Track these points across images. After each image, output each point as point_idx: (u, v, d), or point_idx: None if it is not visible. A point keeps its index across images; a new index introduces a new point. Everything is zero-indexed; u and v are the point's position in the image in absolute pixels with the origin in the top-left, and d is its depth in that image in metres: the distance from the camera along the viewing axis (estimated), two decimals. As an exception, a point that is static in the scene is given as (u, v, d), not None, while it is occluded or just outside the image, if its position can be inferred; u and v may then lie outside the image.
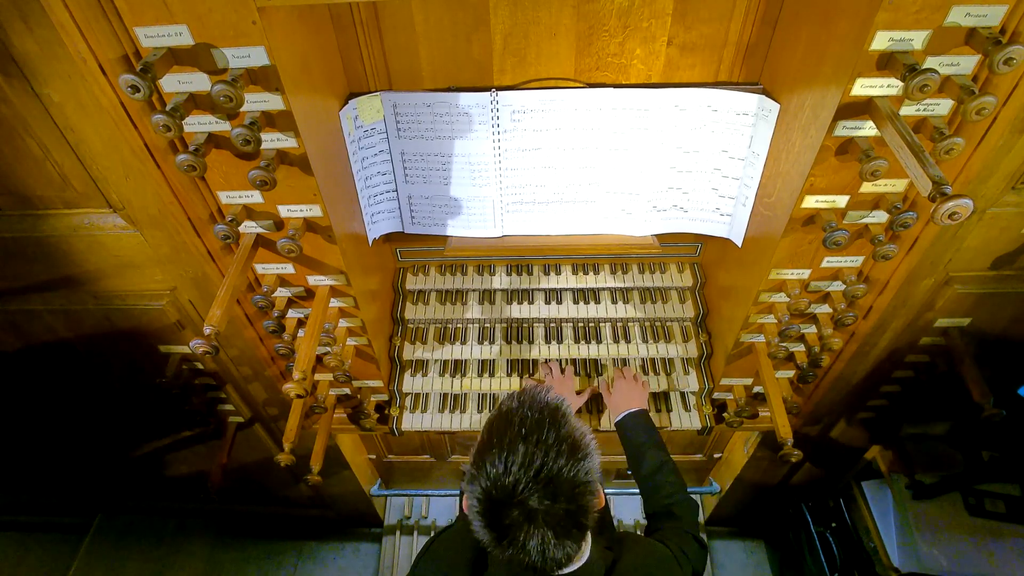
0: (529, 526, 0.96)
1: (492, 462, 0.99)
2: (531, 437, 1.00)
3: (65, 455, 2.60)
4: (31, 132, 1.26)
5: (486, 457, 1.00)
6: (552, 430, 1.01)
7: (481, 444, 1.05)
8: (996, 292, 1.60)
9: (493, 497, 0.98)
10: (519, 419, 1.03)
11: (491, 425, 1.07)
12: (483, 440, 1.05)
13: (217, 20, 1.01)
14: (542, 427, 1.01)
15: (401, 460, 2.89)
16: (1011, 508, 2.25)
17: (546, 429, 1.01)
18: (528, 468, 0.96)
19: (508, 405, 1.08)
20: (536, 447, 0.98)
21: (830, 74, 1.12)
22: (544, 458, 0.97)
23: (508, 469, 0.97)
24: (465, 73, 1.48)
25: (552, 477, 0.96)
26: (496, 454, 0.99)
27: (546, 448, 0.98)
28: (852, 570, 2.46)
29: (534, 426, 1.01)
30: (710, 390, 1.95)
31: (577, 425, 1.06)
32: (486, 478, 0.99)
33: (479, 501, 1.01)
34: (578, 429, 1.05)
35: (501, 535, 0.99)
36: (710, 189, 1.64)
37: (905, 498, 2.33)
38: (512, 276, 1.98)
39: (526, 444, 0.99)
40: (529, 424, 1.02)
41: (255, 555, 3.23)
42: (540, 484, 0.96)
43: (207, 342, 1.19)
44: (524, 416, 1.03)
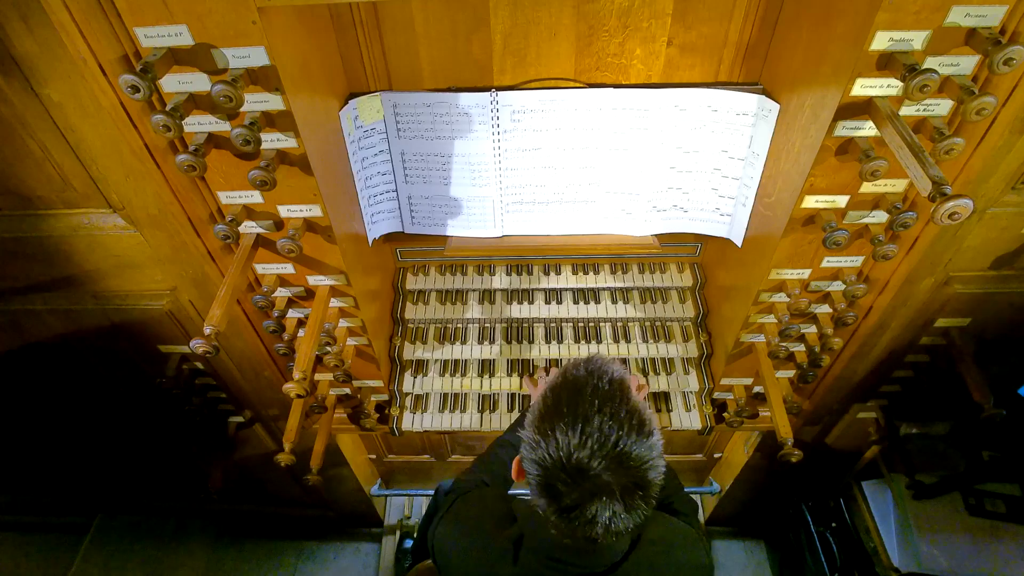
0: (602, 498, 0.94)
1: (564, 432, 0.95)
2: (605, 409, 0.96)
3: (65, 455, 2.60)
4: (31, 132, 1.26)
5: (555, 425, 0.97)
6: (622, 404, 0.98)
7: (546, 411, 1.01)
8: (996, 292, 1.60)
9: (566, 467, 0.95)
10: (591, 389, 0.99)
11: (557, 393, 1.03)
12: (547, 406, 1.02)
13: (217, 20, 1.01)
14: (613, 399, 0.98)
15: (401, 460, 2.89)
16: (1011, 508, 2.25)
17: (618, 402, 0.98)
18: (604, 441, 0.94)
19: (575, 374, 1.04)
20: (611, 420, 0.95)
21: (830, 74, 1.12)
22: (619, 432, 0.94)
23: (583, 441, 0.94)
24: (465, 73, 1.48)
25: (625, 451, 0.94)
26: (569, 424, 0.96)
27: (619, 422, 0.95)
28: (852, 570, 2.46)
29: (607, 398, 0.98)
30: (710, 390, 1.95)
31: (639, 401, 1.02)
32: (556, 447, 0.95)
33: (545, 470, 0.98)
34: (642, 404, 1.02)
35: (568, 507, 0.96)
36: (710, 189, 1.64)
37: (905, 498, 2.32)
38: (512, 276, 1.98)
39: (601, 416, 0.96)
40: (601, 395, 0.98)
41: (255, 555, 3.23)
42: (614, 458, 0.94)
43: (207, 342, 1.19)
44: (596, 387, 1.00)
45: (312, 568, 3.18)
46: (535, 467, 1.00)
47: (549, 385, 1.07)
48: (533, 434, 1.01)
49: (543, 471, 0.98)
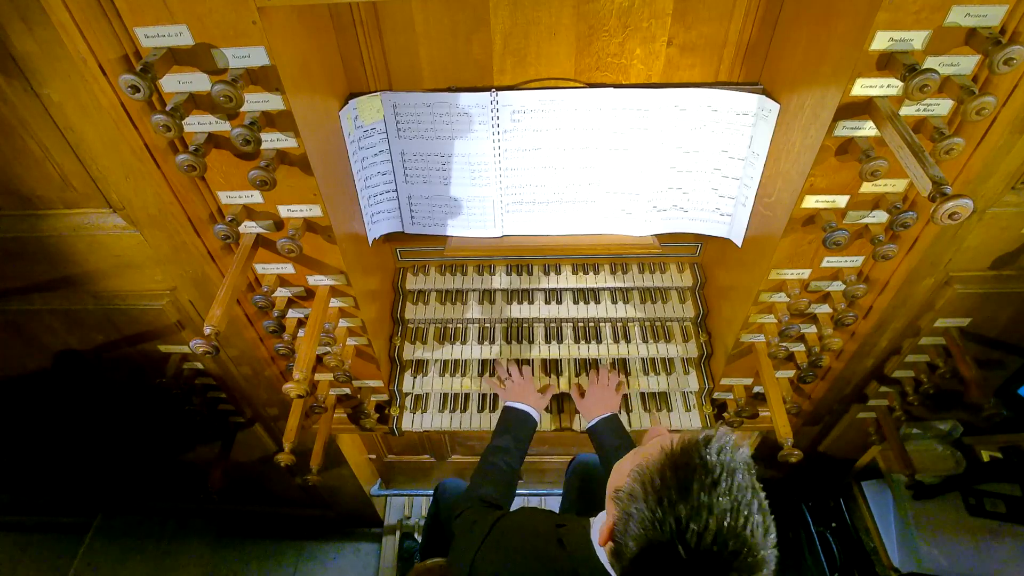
0: None
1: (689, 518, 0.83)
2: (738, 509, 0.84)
3: (65, 455, 2.60)
4: (31, 132, 1.26)
5: (678, 507, 0.85)
6: (755, 499, 0.87)
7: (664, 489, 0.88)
8: (996, 292, 1.60)
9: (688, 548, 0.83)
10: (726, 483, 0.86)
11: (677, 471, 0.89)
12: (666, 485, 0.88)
13: (217, 20, 1.01)
14: (746, 493, 0.86)
15: (401, 460, 2.89)
16: (1011, 508, 2.25)
17: (749, 497, 0.86)
18: (736, 541, 0.83)
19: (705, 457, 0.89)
20: (746, 522, 0.84)
21: (830, 74, 1.12)
22: (751, 533, 0.84)
23: (718, 539, 0.82)
24: (465, 73, 1.48)
25: (750, 551, 0.84)
26: (699, 513, 0.84)
27: (751, 519, 0.84)
28: (852, 570, 2.46)
29: (739, 494, 0.86)
30: (710, 390, 1.95)
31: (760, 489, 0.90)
32: (676, 528, 0.84)
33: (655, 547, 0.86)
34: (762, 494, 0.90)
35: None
36: (710, 189, 1.64)
37: (905, 498, 2.33)
38: (512, 276, 1.98)
39: (735, 517, 0.84)
40: (736, 489, 0.86)
41: (255, 555, 3.23)
42: (739, 558, 0.83)
43: (207, 342, 1.19)
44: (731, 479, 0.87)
45: (312, 568, 3.18)
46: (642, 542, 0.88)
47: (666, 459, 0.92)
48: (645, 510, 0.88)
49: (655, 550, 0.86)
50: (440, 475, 3.03)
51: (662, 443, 0.96)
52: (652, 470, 0.93)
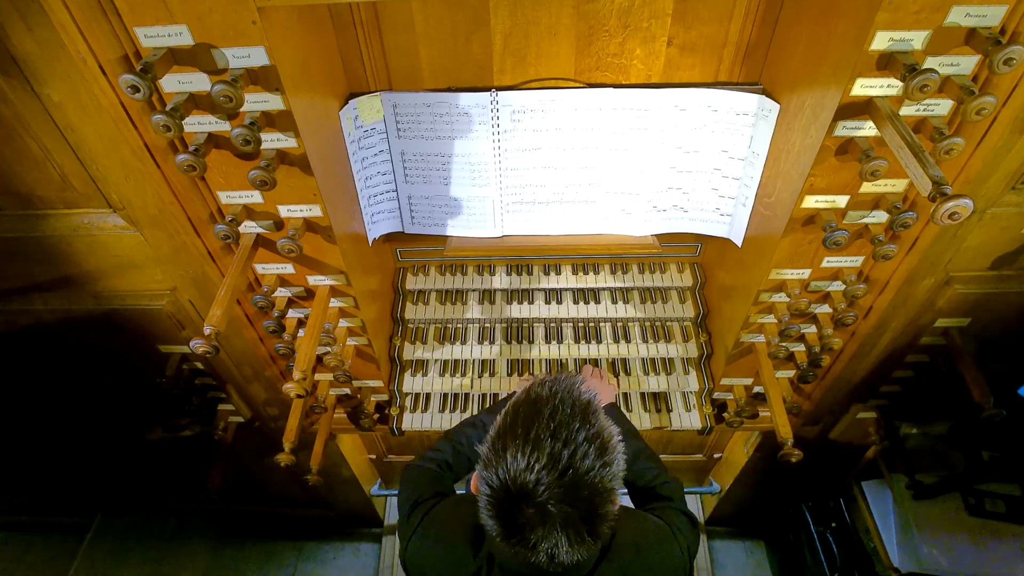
0: (543, 528, 0.90)
1: (514, 454, 0.91)
2: (560, 434, 0.92)
3: (65, 455, 2.60)
4: (31, 132, 1.26)
5: (507, 445, 0.93)
6: (583, 428, 0.93)
7: (502, 428, 0.97)
8: (996, 292, 1.60)
9: (510, 491, 0.91)
10: (549, 411, 0.95)
11: (516, 411, 0.98)
12: (505, 424, 0.98)
13: (217, 20, 1.01)
14: (572, 423, 0.93)
15: (401, 460, 2.89)
16: (1011, 508, 2.25)
17: (577, 426, 0.93)
18: (553, 468, 0.89)
19: (538, 392, 1.00)
20: (564, 446, 0.91)
21: (830, 74, 1.12)
22: (571, 458, 0.90)
23: (531, 465, 0.90)
24: (465, 73, 1.48)
25: (576, 480, 0.90)
26: (519, 446, 0.92)
27: (575, 447, 0.91)
28: (852, 570, 2.46)
29: (565, 421, 0.94)
30: (710, 390, 1.95)
31: (606, 424, 0.98)
32: (504, 469, 0.92)
33: (492, 490, 0.94)
34: (606, 428, 0.97)
35: (511, 531, 0.93)
36: (710, 189, 1.64)
37: (905, 498, 2.32)
38: (512, 276, 1.98)
39: (554, 440, 0.91)
40: (560, 418, 0.94)
41: (255, 555, 3.23)
42: (563, 487, 0.89)
43: (207, 342, 1.19)
44: (555, 408, 0.95)
45: (312, 568, 3.18)
46: (485, 486, 0.96)
47: (512, 401, 1.03)
48: (487, 451, 0.97)
49: (491, 491, 0.94)
50: (440, 475, 3.03)
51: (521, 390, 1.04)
52: (501, 414, 1.02)
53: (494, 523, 0.96)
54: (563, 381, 1.02)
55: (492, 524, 0.96)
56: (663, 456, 2.89)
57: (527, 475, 0.90)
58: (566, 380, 1.02)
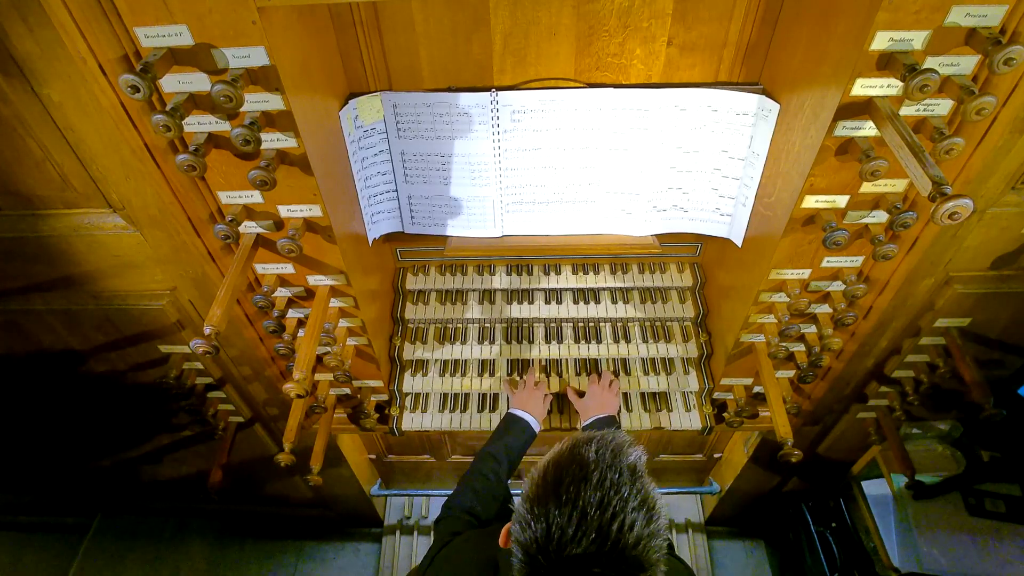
0: None
1: (558, 524, 0.84)
2: (609, 505, 0.84)
3: (65, 455, 2.60)
4: (31, 132, 1.26)
5: (549, 511, 0.85)
6: (632, 497, 0.86)
7: (541, 490, 0.90)
8: (996, 292, 1.60)
9: (552, 560, 0.84)
10: (598, 476, 0.87)
11: (560, 471, 0.90)
12: (545, 485, 0.90)
13: (217, 20, 1.01)
14: (621, 492, 0.86)
15: (401, 460, 2.89)
16: (1011, 508, 2.25)
17: (626, 494, 0.86)
18: (602, 544, 0.82)
19: (583, 454, 0.91)
20: (613, 519, 0.83)
21: (830, 74, 1.12)
22: (619, 533, 0.83)
23: (577, 538, 0.82)
24: (465, 73, 1.48)
25: (624, 555, 0.83)
26: (566, 514, 0.84)
27: (622, 520, 0.84)
28: (852, 570, 2.46)
29: (613, 490, 0.86)
30: (710, 390, 1.95)
31: (651, 488, 0.91)
32: (546, 536, 0.84)
33: (530, 558, 0.87)
34: (651, 493, 0.90)
35: None
36: (710, 189, 1.64)
37: (905, 498, 2.33)
38: (512, 276, 1.98)
39: (602, 513, 0.84)
40: (608, 486, 0.86)
41: (255, 555, 3.23)
42: (609, 562, 0.83)
43: (207, 342, 1.19)
44: (604, 475, 0.88)
45: (312, 568, 3.18)
46: (521, 550, 0.89)
47: (552, 457, 0.95)
48: (525, 512, 0.90)
49: (529, 558, 0.87)
50: (440, 475, 3.04)
51: (560, 443, 0.97)
52: (539, 469, 0.94)
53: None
54: (610, 442, 0.94)
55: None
56: (663, 456, 2.89)
57: (572, 547, 0.83)
58: (614, 441, 0.95)
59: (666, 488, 3.04)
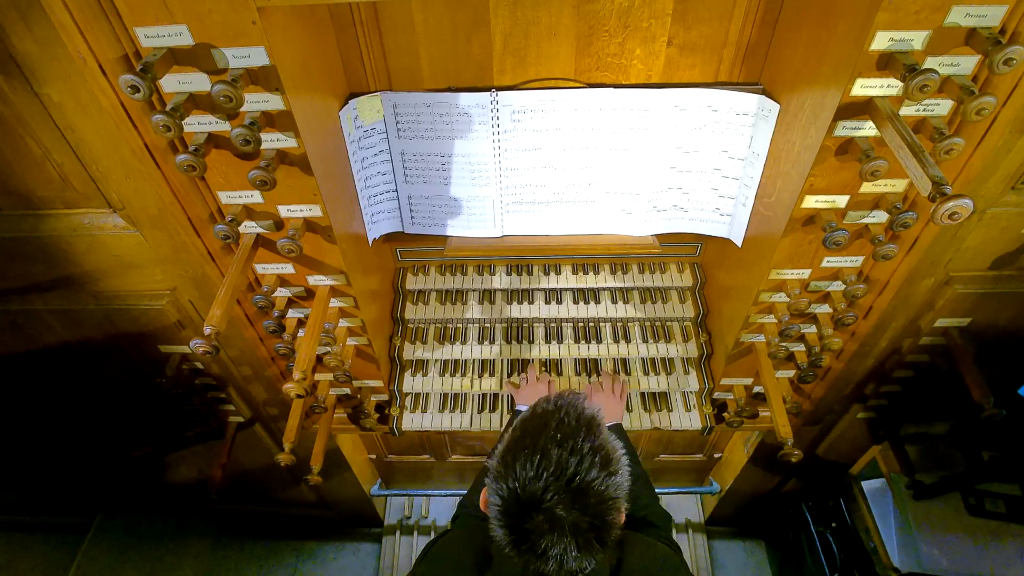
0: (552, 534, 0.93)
1: (522, 463, 0.95)
2: (566, 443, 0.96)
3: (65, 455, 2.60)
4: (31, 132, 1.26)
5: (516, 456, 0.97)
6: (587, 439, 0.98)
7: (511, 442, 1.02)
8: (996, 292, 1.60)
9: (520, 499, 0.95)
10: (555, 422, 1.00)
11: (524, 425, 1.03)
12: (513, 439, 1.02)
13: (217, 20, 1.01)
14: (578, 434, 0.98)
15: (401, 460, 2.89)
16: (1011, 508, 2.25)
17: (582, 437, 0.97)
18: (560, 475, 0.93)
19: (544, 407, 1.05)
20: (571, 454, 0.95)
21: (830, 74, 1.12)
22: (577, 466, 0.94)
23: (539, 473, 0.94)
24: (465, 73, 1.48)
25: (583, 487, 0.94)
26: (528, 455, 0.96)
27: (580, 456, 0.95)
28: (852, 570, 2.46)
29: (570, 432, 0.98)
30: (710, 390, 1.95)
31: (610, 438, 1.02)
32: (514, 478, 0.96)
33: (503, 500, 0.97)
34: (610, 442, 1.02)
35: (521, 539, 0.96)
36: (710, 189, 1.64)
37: (905, 498, 2.33)
38: (512, 276, 1.98)
39: (560, 449, 0.95)
40: (565, 429, 0.99)
41: (255, 555, 3.24)
42: (570, 493, 0.93)
43: (207, 342, 1.19)
44: (560, 420, 1.00)
45: (312, 568, 3.18)
46: (495, 497, 0.99)
47: (520, 417, 1.08)
48: (496, 464, 1.01)
49: (501, 502, 0.97)
50: (440, 475, 3.03)
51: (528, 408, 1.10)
52: (506, 432, 1.06)
53: (504, 532, 0.98)
54: (566, 397, 1.06)
55: (502, 534, 0.99)
56: (663, 456, 2.89)
57: (536, 483, 0.93)
58: (569, 396, 1.07)
59: (666, 488, 3.03)
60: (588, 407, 1.05)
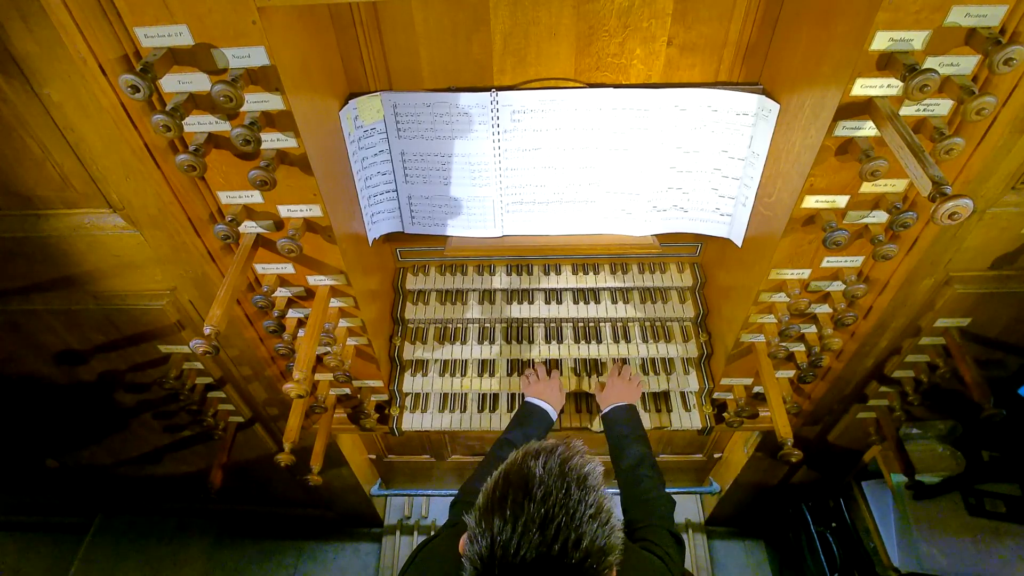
0: None
1: (500, 537, 0.85)
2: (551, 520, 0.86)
3: (66, 455, 2.60)
4: (31, 132, 1.26)
5: (492, 526, 0.87)
6: (581, 510, 0.87)
7: (490, 503, 0.90)
8: (996, 292, 1.60)
9: (494, 571, 0.85)
10: (542, 492, 0.88)
11: (507, 484, 0.92)
12: (493, 499, 0.91)
13: (217, 20, 1.01)
14: (567, 505, 0.87)
15: (401, 460, 2.89)
16: (1011, 508, 2.25)
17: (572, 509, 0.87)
18: (547, 553, 0.84)
19: (531, 467, 0.92)
20: (557, 534, 0.85)
21: (830, 74, 1.12)
22: (564, 547, 0.84)
23: (520, 551, 0.84)
24: (465, 73, 1.48)
25: (569, 564, 0.84)
26: (508, 528, 0.85)
27: (568, 533, 0.85)
28: (852, 570, 2.46)
29: (557, 505, 0.87)
30: (710, 390, 1.95)
31: (603, 499, 0.92)
32: (488, 547, 0.86)
33: (475, 568, 0.88)
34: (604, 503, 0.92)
35: None
36: (710, 189, 1.64)
37: (905, 498, 2.33)
38: (512, 276, 1.98)
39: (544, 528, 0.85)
40: (551, 502, 0.87)
41: (255, 555, 3.23)
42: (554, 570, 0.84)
43: (207, 342, 1.19)
44: (548, 490, 0.88)
45: (312, 568, 3.18)
46: (468, 563, 0.90)
47: (502, 469, 0.96)
48: (473, 524, 0.91)
49: (475, 570, 0.88)
50: (440, 475, 3.03)
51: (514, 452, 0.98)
52: (491, 479, 0.95)
53: None
54: (559, 455, 0.94)
55: None
56: (663, 456, 2.89)
57: (515, 560, 0.84)
58: (562, 454, 0.95)
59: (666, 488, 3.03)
60: (584, 464, 0.94)
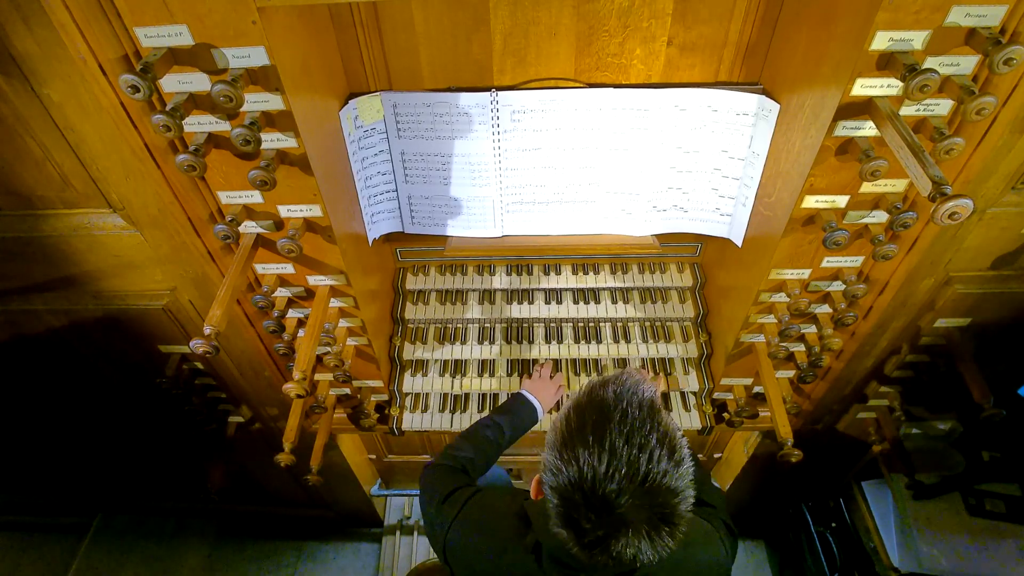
0: (627, 536, 0.87)
1: (589, 463, 0.88)
2: (634, 439, 0.89)
3: (65, 455, 2.60)
4: (31, 132, 1.26)
5: (578, 453, 0.89)
6: (654, 431, 0.90)
7: (569, 435, 0.93)
8: (996, 292, 1.60)
9: (590, 501, 0.88)
10: (619, 415, 0.91)
11: (582, 415, 0.95)
12: (570, 429, 0.94)
13: (217, 20, 1.01)
14: (644, 427, 0.90)
15: (401, 460, 2.89)
16: (1011, 508, 2.25)
17: (648, 429, 0.90)
18: (634, 475, 0.87)
19: (602, 395, 0.96)
20: (640, 451, 0.88)
21: (830, 74, 1.12)
22: (648, 464, 0.87)
23: (610, 474, 0.86)
24: (465, 73, 1.48)
25: (655, 487, 0.87)
26: (595, 454, 0.88)
27: (649, 452, 0.88)
28: (852, 570, 2.46)
29: (636, 426, 0.90)
30: (710, 390, 1.95)
31: (671, 423, 0.95)
32: (580, 477, 0.88)
33: (567, 501, 0.91)
34: (672, 427, 0.94)
35: (593, 541, 0.89)
36: (710, 189, 1.64)
37: (905, 498, 2.32)
38: (512, 276, 1.98)
39: (630, 447, 0.88)
40: (632, 422, 0.90)
41: (255, 555, 3.23)
42: (644, 494, 0.87)
43: (207, 342, 1.19)
44: (624, 412, 0.92)
45: (312, 568, 3.18)
46: (556, 495, 0.93)
47: (573, 404, 0.99)
48: (554, 459, 0.93)
49: (564, 502, 0.91)
50: (440, 475, 3.03)
51: (577, 390, 1.02)
52: (558, 420, 0.99)
53: (568, 533, 0.92)
54: (625, 382, 0.98)
55: (566, 535, 0.93)
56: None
57: (607, 484, 0.87)
58: (628, 380, 0.98)
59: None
60: (647, 390, 0.97)
